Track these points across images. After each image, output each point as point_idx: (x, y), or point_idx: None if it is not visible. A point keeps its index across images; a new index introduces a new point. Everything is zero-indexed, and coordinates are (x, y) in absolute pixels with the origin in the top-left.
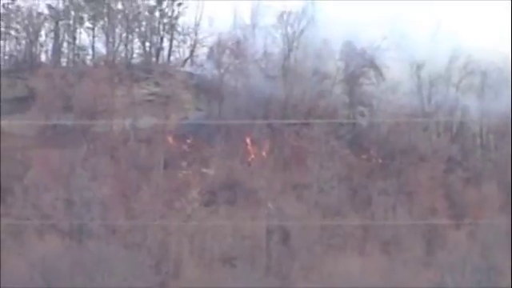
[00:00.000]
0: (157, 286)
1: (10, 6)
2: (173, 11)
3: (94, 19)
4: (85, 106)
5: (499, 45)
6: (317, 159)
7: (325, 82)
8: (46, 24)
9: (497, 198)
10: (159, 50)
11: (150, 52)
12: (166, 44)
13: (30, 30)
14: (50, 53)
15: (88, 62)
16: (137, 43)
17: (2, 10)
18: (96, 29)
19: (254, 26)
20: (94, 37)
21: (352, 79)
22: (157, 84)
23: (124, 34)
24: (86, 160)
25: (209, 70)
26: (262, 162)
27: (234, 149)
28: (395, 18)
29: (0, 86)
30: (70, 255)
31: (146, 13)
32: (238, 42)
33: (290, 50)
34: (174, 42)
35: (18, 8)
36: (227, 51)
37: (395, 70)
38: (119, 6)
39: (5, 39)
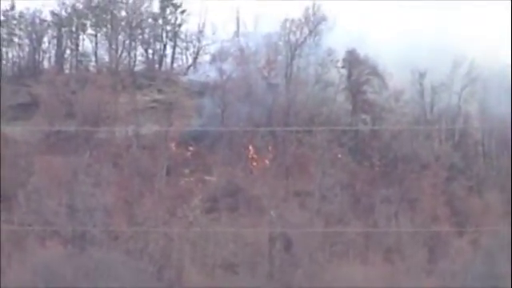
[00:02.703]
0: None
1: (12, 13)
2: (176, 18)
3: (96, 26)
4: (88, 112)
5: (501, 52)
6: (319, 166)
7: (327, 90)
8: (49, 31)
9: (499, 205)
10: (162, 57)
11: (152, 59)
12: (168, 51)
13: (33, 36)
14: (52, 59)
15: (91, 68)
16: (140, 50)
17: (5, 17)
18: (99, 36)
19: (256, 33)
20: (96, 44)
21: (355, 87)
22: (160, 91)
23: (127, 41)
24: (88, 166)
25: (211, 78)
26: (265, 169)
27: (237, 156)
28: (398, 25)
29: (2, 92)
30: (73, 262)
31: (149, 20)
32: (240, 50)
33: (292, 58)
34: (177, 49)
35: (21, 15)
36: (230, 58)
37: (398, 77)
38: (122, 13)
39: (8, 46)
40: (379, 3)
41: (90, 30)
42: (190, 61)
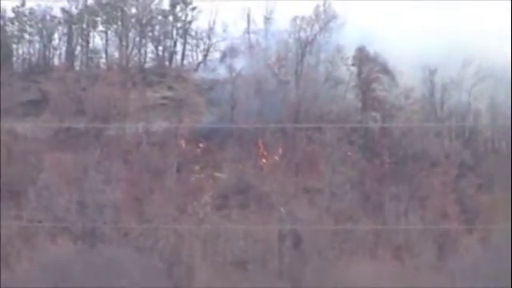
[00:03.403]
0: None
1: (23, 10)
2: (186, 15)
3: (107, 23)
4: (98, 109)
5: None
6: (329, 164)
7: (337, 87)
8: (60, 27)
9: (509, 202)
10: (172, 54)
11: (163, 56)
12: (179, 48)
13: (44, 33)
14: (63, 56)
15: (101, 65)
16: (150, 47)
17: (15, 14)
18: (109, 32)
19: (267, 30)
20: (107, 40)
21: (365, 84)
22: (170, 88)
23: (137, 38)
24: (98, 163)
25: (222, 74)
26: (275, 166)
27: (247, 153)
28: (408, 23)
29: (12, 88)
30: (83, 258)
31: (160, 17)
32: (251, 47)
33: (302, 55)
34: (188, 47)
35: (32, 11)
36: (240, 56)
37: (408, 75)
38: (133, 10)
39: (18, 42)
40: (389, 1)
41: (100, 27)
42: (201, 58)
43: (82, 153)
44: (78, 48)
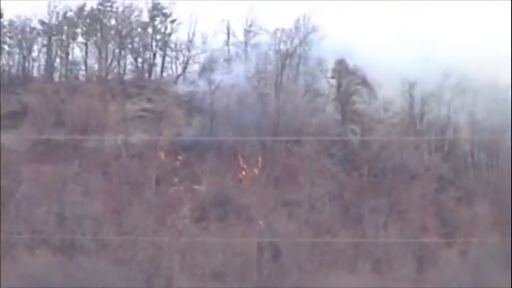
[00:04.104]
0: None
1: (2, 21)
2: (166, 28)
3: (87, 35)
4: (77, 121)
5: (491, 63)
6: (308, 176)
7: (317, 100)
8: (39, 39)
9: (488, 216)
10: (152, 66)
11: (142, 68)
12: (158, 60)
13: (23, 45)
14: (42, 68)
15: (81, 77)
16: (129, 59)
17: None
18: (89, 44)
19: (246, 43)
20: (86, 52)
21: (344, 97)
22: (149, 100)
23: (117, 50)
24: (78, 175)
25: (201, 87)
26: (254, 178)
27: (226, 165)
28: (387, 36)
29: None
30: (61, 270)
31: (139, 29)
32: (230, 59)
33: (282, 68)
34: (167, 59)
35: (11, 23)
36: (220, 68)
37: (387, 88)
38: (112, 22)
39: None
40: (369, 14)
41: (80, 39)
42: (180, 70)
43: (61, 165)
44: (58, 60)
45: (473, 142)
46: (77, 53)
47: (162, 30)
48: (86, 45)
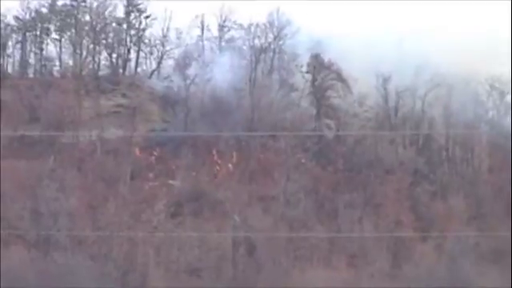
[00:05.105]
0: None
1: None
2: (140, 23)
3: (61, 30)
4: (52, 117)
5: (466, 57)
6: (283, 171)
7: (292, 95)
8: (13, 35)
9: (463, 210)
10: (126, 61)
11: (117, 64)
12: (133, 56)
13: None
14: (16, 64)
15: (55, 73)
16: (104, 55)
17: None
18: (63, 40)
19: (221, 38)
20: (61, 48)
21: (319, 92)
22: (124, 95)
23: (91, 46)
24: (52, 171)
25: (176, 82)
26: (229, 173)
27: (201, 161)
28: (362, 30)
29: None
30: (36, 266)
31: (114, 24)
32: (204, 54)
33: (257, 63)
34: (141, 54)
35: None
36: (194, 63)
37: (362, 82)
38: (86, 18)
39: None
40: (344, 8)
41: (54, 35)
42: (154, 65)
43: (35, 161)
44: (32, 56)
45: (447, 136)
46: (51, 48)
47: (137, 25)
48: (60, 40)
